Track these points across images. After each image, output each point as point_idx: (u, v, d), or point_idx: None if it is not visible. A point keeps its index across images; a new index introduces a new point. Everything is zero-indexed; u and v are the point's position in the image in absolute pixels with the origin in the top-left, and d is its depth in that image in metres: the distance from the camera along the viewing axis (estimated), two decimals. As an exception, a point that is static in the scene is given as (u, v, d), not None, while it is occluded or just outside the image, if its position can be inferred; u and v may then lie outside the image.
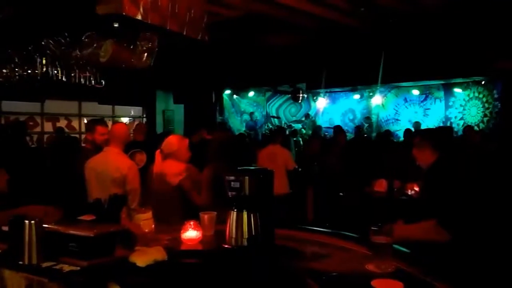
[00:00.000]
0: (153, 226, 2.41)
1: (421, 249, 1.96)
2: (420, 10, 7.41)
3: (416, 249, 1.94)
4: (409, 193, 4.47)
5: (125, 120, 11.76)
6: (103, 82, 5.01)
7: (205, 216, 2.38)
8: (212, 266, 1.95)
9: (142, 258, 1.87)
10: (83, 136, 7.16)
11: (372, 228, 1.77)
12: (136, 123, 10.67)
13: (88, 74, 4.87)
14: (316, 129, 11.69)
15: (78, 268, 1.78)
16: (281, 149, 5.67)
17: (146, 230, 2.35)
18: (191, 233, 2.24)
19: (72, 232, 1.88)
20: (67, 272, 1.75)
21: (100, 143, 3.79)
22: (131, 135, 5.37)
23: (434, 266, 1.72)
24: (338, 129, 7.55)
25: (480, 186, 2.84)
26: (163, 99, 12.04)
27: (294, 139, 11.16)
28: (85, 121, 10.03)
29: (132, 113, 12.12)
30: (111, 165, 3.34)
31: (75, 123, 11.07)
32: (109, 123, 6.42)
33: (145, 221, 2.38)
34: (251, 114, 13.68)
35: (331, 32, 8.52)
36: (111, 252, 1.91)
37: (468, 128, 8.83)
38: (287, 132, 12.27)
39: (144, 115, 12.14)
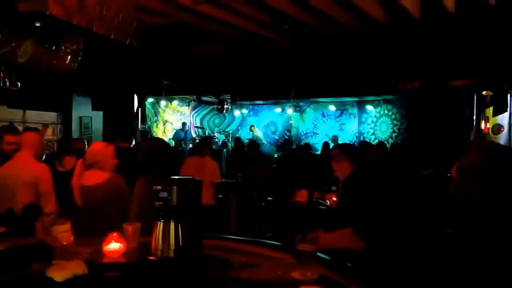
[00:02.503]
0: (72, 238, 2.28)
1: (341, 255, 2.07)
2: (339, 32, 7.90)
3: (336, 256, 2.04)
4: (328, 203, 4.70)
5: (36, 126, 10.95)
6: (19, 84, 4.64)
7: (129, 227, 2.30)
8: (136, 279, 1.89)
9: (60, 272, 1.76)
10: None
11: (298, 236, 1.85)
12: (52, 128, 10.01)
13: (2, 75, 4.48)
14: (238, 141, 11.83)
15: (-12, 284, 1.64)
16: (210, 161, 5.64)
17: (65, 243, 2.22)
18: (113, 245, 2.16)
19: (-20, 246, 1.73)
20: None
21: (8, 152, 3.51)
22: (48, 143, 5.02)
23: (355, 272, 1.83)
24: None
25: (389, 197, 3.07)
26: (81, 105, 11.40)
27: (225, 149, 11.24)
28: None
29: (46, 118, 11.32)
30: (22, 168, 3.16)
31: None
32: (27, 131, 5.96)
33: (63, 233, 2.25)
34: (184, 124, 13.49)
35: (255, 45, 8.75)
36: (26, 267, 1.78)
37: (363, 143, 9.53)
38: (219, 144, 12.32)
39: (59, 121, 11.40)
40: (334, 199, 4.64)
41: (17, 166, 3.17)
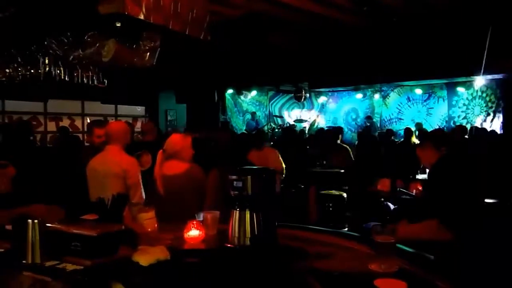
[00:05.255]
0: (156, 225, 2.41)
1: (424, 248, 1.95)
2: (425, 9, 7.39)
3: (419, 248, 1.93)
4: (413, 193, 4.47)
5: (127, 119, 11.79)
6: (106, 82, 5.01)
7: (208, 216, 2.38)
8: (214, 265, 1.95)
9: (145, 257, 1.87)
10: (86, 135, 7.19)
11: (375, 227, 1.77)
12: (140, 122, 10.70)
13: (90, 74, 4.87)
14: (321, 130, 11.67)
15: (82, 267, 1.78)
16: (270, 150, 5.65)
17: (149, 230, 2.36)
18: (194, 233, 2.24)
19: (75, 231, 1.89)
20: (70, 271, 1.76)
21: (98, 145, 3.79)
22: (138, 135, 5.34)
23: (437, 265, 1.72)
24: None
25: (478, 185, 2.85)
26: (166, 98, 12.04)
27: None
28: (88, 120, 10.06)
29: (136, 112, 12.15)
30: (112, 161, 3.38)
31: (78, 123, 11.10)
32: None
33: (148, 220, 2.39)
34: (253, 114, 13.68)
35: (333, 31, 8.51)
36: (114, 252, 1.91)
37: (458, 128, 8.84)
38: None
39: (147, 115, 12.17)
40: (420, 188, 4.40)
41: (107, 159, 3.40)
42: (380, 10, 7.42)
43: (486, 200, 3.43)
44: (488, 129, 10.03)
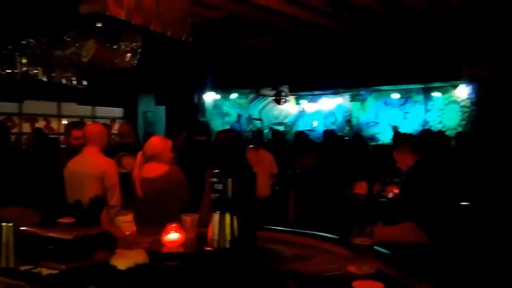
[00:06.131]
0: (134, 228, 2.38)
1: (400, 250, 1.99)
2: (403, 16, 7.54)
3: (396, 250, 1.97)
4: (389, 196, 4.54)
5: (105, 121, 11.61)
6: (85, 83, 4.93)
7: (188, 219, 2.37)
8: (193, 268, 1.94)
9: (122, 261, 1.84)
10: (62, 137, 7.07)
11: (354, 229, 1.79)
12: (117, 124, 10.53)
13: (69, 74, 4.78)
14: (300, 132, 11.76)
15: (57, 271, 1.75)
16: (266, 152, 5.66)
17: (127, 233, 2.32)
18: (172, 236, 2.23)
19: (50, 234, 1.85)
20: (46, 276, 1.72)
21: (76, 146, 3.74)
22: (116, 138, 5.28)
23: (413, 267, 1.75)
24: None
25: (454, 188, 2.91)
26: (145, 100, 11.92)
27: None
28: (64, 122, 9.87)
29: (113, 114, 11.98)
30: (90, 163, 3.35)
31: (54, 124, 10.88)
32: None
33: (126, 223, 2.35)
34: (239, 116, 13.66)
35: (314, 35, 8.60)
36: (91, 255, 1.89)
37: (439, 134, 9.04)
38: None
39: (125, 116, 12.01)
40: (396, 191, 4.47)
41: (85, 161, 3.36)
42: (359, 15, 7.55)
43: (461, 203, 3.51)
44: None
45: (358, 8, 7.16)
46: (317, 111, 14.00)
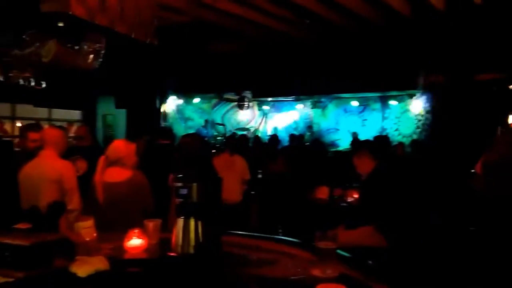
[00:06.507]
0: (94, 234, 2.32)
1: (362, 253, 2.04)
2: (361, 26, 7.78)
3: (358, 253, 2.02)
4: (349, 200, 4.65)
5: (62, 124, 11.21)
6: (44, 84, 4.74)
7: (150, 224, 2.33)
8: (156, 275, 1.91)
9: (82, 268, 1.79)
10: (17, 140, 6.78)
11: (317, 233, 1.83)
12: (75, 127, 10.20)
13: (28, 75, 4.57)
14: (258, 137, 11.83)
15: (13, 279, 1.68)
16: (239, 158, 5.61)
17: (87, 239, 2.26)
18: (135, 242, 2.19)
19: (6, 241, 1.77)
20: (1, 284, 1.65)
21: (32, 149, 3.60)
22: (73, 141, 5.11)
23: (375, 269, 1.80)
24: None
25: (412, 193, 3.02)
26: (104, 103, 11.60)
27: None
28: (19, 124, 9.46)
29: (71, 116, 11.59)
30: (47, 166, 3.24)
31: (7, 126, 10.39)
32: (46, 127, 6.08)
33: (86, 229, 2.29)
34: (206, 121, 13.57)
35: (278, 42, 8.71)
36: (49, 263, 1.82)
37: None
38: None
39: (84, 119, 11.64)
40: (356, 196, 4.58)
41: (41, 164, 3.24)
42: (321, 24, 7.72)
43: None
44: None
45: (320, 18, 7.33)
46: (279, 116, 14.17)
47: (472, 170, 1.58)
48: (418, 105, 12.04)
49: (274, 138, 9.20)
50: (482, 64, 8.02)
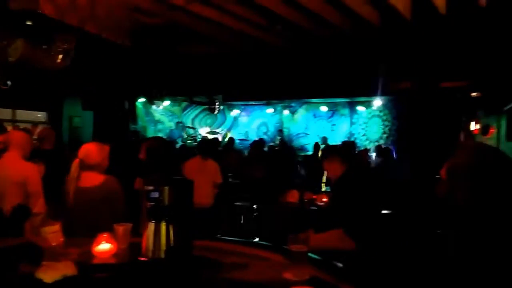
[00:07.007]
0: (61, 239, 2.25)
1: (332, 256, 2.07)
2: (332, 33, 7.92)
3: (328, 256, 2.05)
4: (319, 204, 4.71)
5: (26, 125, 10.84)
6: (9, 83, 4.56)
7: (120, 228, 2.29)
8: (126, 280, 1.88)
9: (49, 273, 1.74)
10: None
11: (290, 237, 1.84)
12: (39, 129, 9.88)
13: (-8, 75, 4.40)
14: (231, 141, 11.84)
15: (-25, 286, 1.62)
16: (212, 162, 5.58)
17: (54, 244, 2.19)
18: (103, 246, 2.14)
19: (-33, 247, 1.71)
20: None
21: None
22: (36, 142, 4.93)
23: (345, 272, 1.83)
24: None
25: (377, 197, 3.09)
26: (71, 104, 11.30)
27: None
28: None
29: (36, 117, 11.23)
30: (11, 168, 3.14)
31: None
32: (9, 129, 5.86)
33: (53, 234, 2.22)
34: (177, 124, 13.44)
35: (249, 46, 8.74)
36: (14, 268, 1.76)
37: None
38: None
39: (49, 121, 11.29)
40: (325, 200, 4.65)
41: (5, 166, 3.14)
42: (292, 30, 7.82)
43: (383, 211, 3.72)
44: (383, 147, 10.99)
45: (291, 24, 7.41)
46: (250, 120, 14.21)
47: (437, 176, 1.63)
48: (385, 111, 12.39)
49: (259, 143, 9.21)
50: (447, 72, 8.33)
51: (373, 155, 9.71)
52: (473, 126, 9.83)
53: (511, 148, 7.64)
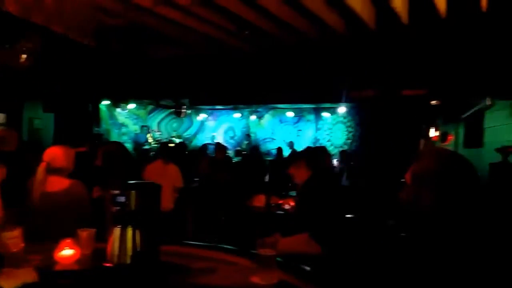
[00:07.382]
0: (22, 245, 2.17)
1: (299, 260, 2.10)
2: (298, 40, 8.04)
3: (295, 260, 2.07)
4: (286, 208, 4.76)
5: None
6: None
7: (83, 233, 2.23)
8: (89, 286, 1.84)
9: (8, 281, 1.69)
10: None
11: (258, 241, 1.85)
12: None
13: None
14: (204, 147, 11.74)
15: None
16: (172, 166, 5.54)
17: (14, 250, 2.11)
18: (66, 252, 2.08)
19: None
20: None
21: None
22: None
23: (312, 275, 1.86)
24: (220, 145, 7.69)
25: (341, 201, 3.16)
26: (31, 106, 10.91)
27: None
28: None
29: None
30: None
31: None
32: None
33: (13, 239, 2.13)
34: (143, 127, 13.19)
35: (214, 50, 8.74)
36: (-29, 276, 1.69)
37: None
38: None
39: (7, 123, 10.84)
40: (292, 204, 4.70)
41: None
42: (259, 36, 7.87)
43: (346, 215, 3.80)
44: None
45: (259, 30, 7.47)
46: (216, 124, 14.18)
47: (402, 180, 1.68)
48: (348, 117, 12.69)
49: (223, 147, 9.16)
50: (408, 81, 8.61)
51: (336, 160, 9.90)
52: (433, 133, 10.21)
53: (468, 155, 7.99)
